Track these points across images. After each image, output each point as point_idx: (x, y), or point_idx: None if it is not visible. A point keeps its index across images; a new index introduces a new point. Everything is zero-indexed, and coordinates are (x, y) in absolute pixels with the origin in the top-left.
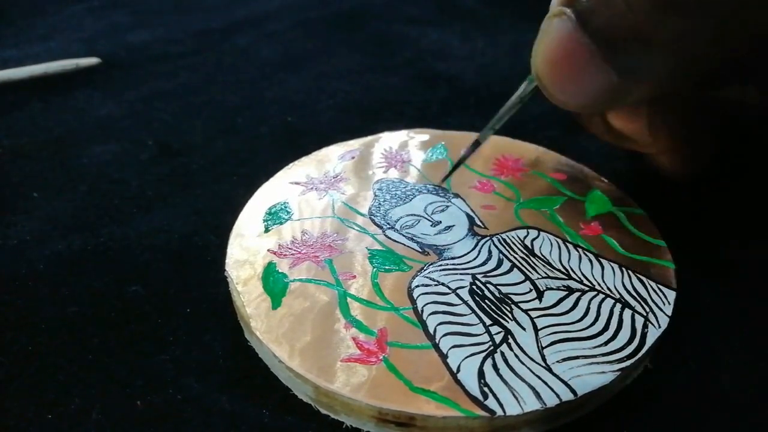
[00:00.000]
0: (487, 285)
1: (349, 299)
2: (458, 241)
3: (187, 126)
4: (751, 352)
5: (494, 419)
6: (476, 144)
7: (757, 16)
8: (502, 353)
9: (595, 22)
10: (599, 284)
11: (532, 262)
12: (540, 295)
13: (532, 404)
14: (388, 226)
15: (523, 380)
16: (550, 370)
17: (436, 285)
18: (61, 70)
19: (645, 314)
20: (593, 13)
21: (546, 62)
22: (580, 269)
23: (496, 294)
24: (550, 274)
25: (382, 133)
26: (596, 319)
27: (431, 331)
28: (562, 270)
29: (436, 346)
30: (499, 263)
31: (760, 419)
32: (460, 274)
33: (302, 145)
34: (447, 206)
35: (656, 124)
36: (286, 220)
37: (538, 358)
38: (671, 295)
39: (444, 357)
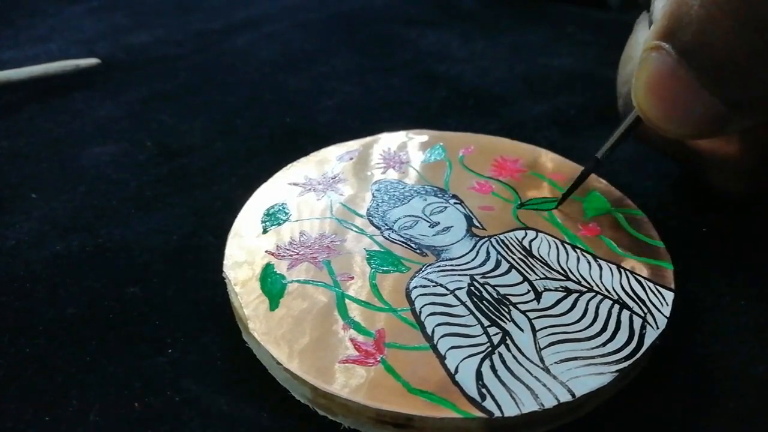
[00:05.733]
0: (485, 286)
1: (347, 300)
2: (456, 242)
3: (186, 127)
4: (749, 353)
5: (492, 420)
6: (597, 161)
7: None
8: (500, 354)
9: (699, 58)
10: (597, 285)
11: (531, 263)
12: (538, 296)
13: (530, 405)
14: (386, 227)
15: (521, 381)
16: (548, 371)
17: (434, 286)
18: (61, 71)
19: (643, 315)
20: (696, 50)
21: (649, 95)
22: (578, 270)
23: (494, 295)
24: (549, 275)
25: (381, 133)
26: (594, 320)
27: (429, 332)
28: (561, 271)
29: (434, 348)
30: (498, 264)
31: (758, 420)
32: (458, 275)
33: (301, 145)
34: (445, 207)
35: (749, 143)
36: (285, 221)
37: (536, 360)
38: (669, 296)
39: (442, 358)
